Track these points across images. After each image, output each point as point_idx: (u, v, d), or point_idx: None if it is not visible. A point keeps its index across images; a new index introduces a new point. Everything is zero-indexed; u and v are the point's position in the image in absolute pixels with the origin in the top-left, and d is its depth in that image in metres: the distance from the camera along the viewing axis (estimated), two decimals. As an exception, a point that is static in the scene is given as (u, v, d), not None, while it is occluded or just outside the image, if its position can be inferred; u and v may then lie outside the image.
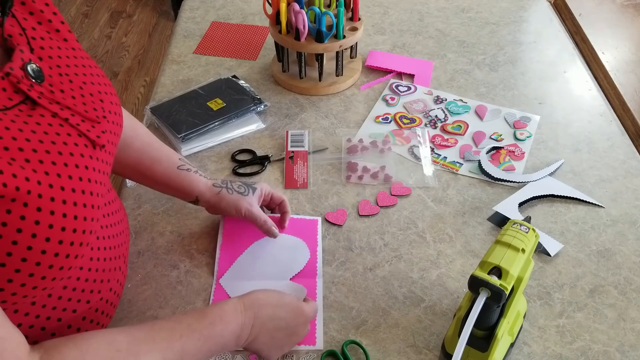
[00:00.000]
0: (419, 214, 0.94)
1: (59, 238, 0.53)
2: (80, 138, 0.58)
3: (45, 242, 0.52)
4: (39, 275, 0.53)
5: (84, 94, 0.62)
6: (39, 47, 0.60)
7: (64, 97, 0.59)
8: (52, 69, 0.59)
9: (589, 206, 0.96)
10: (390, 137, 1.09)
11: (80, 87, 0.62)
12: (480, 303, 0.62)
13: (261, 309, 0.67)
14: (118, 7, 3.25)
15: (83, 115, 0.60)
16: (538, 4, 1.50)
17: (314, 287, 0.83)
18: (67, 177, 0.55)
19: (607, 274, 0.86)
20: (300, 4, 1.10)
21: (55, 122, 0.56)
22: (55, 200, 0.53)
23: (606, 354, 0.76)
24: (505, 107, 1.16)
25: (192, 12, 1.44)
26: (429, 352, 0.76)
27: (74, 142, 0.57)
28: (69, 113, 0.58)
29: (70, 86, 0.60)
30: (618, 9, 1.84)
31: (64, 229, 0.53)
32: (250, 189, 0.86)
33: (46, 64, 0.59)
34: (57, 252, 0.53)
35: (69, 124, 0.58)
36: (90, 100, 0.62)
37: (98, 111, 0.63)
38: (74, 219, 0.54)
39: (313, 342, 0.76)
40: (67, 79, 0.61)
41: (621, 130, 1.12)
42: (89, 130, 0.60)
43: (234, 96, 1.14)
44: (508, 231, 0.68)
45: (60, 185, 0.53)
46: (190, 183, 0.85)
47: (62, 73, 0.60)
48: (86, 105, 0.61)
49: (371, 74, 1.25)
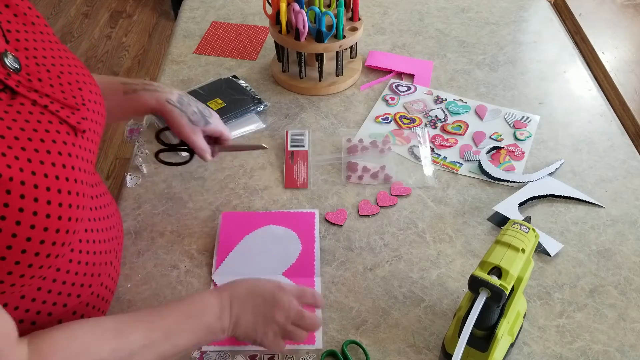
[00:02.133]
0: (419, 214, 0.94)
1: (44, 225, 0.53)
2: (61, 125, 0.58)
3: (29, 229, 0.52)
4: (25, 263, 0.53)
5: (62, 82, 0.62)
6: (15, 40, 0.60)
7: (42, 85, 0.59)
8: (28, 59, 0.59)
9: (589, 206, 0.96)
10: (390, 137, 1.09)
11: (58, 76, 0.62)
12: (480, 303, 0.62)
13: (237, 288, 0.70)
14: (118, 7, 3.24)
15: (62, 102, 0.60)
16: (538, 4, 1.50)
17: (312, 287, 0.83)
18: (50, 164, 0.54)
19: (607, 274, 0.86)
20: (300, 4, 1.10)
21: (36, 110, 0.56)
22: (38, 187, 0.52)
23: (606, 354, 0.76)
24: (505, 107, 1.16)
25: (192, 12, 1.44)
26: (429, 352, 0.76)
27: (55, 130, 0.57)
28: (48, 100, 0.58)
29: (48, 75, 0.61)
30: (618, 9, 1.84)
31: (48, 216, 0.53)
32: (202, 122, 0.88)
33: (22, 55, 0.59)
34: (42, 240, 0.53)
35: (49, 111, 0.58)
36: (69, 88, 0.62)
37: (77, 98, 0.63)
38: (59, 206, 0.54)
39: (312, 342, 0.76)
40: (44, 69, 0.61)
41: (621, 130, 1.12)
42: (69, 116, 0.60)
43: (234, 96, 1.14)
44: (508, 231, 0.68)
45: (43, 173, 0.53)
46: (141, 103, 0.84)
47: (39, 63, 0.61)
48: (65, 93, 0.61)
49: (371, 74, 1.25)
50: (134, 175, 1.00)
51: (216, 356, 0.75)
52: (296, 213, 0.93)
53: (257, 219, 0.92)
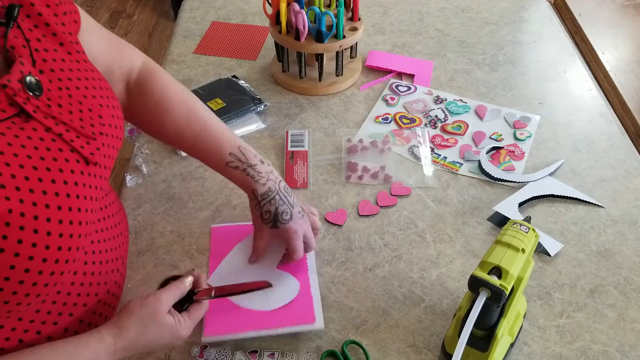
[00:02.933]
0: (419, 214, 0.94)
1: (43, 256, 0.53)
2: (72, 154, 0.58)
3: (28, 260, 0.52)
4: (22, 293, 0.53)
5: (82, 109, 0.61)
6: (42, 60, 0.59)
7: (60, 112, 0.58)
8: (52, 82, 0.59)
9: (589, 206, 0.96)
10: (390, 137, 1.09)
11: (80, 101, 0.61)
12: (480, 303, 0.62)
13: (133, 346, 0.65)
14: (118, 7, 3.25)
15: (78, 131, 0.59)
16: (538, 4, 1.50)
17: (308, 283, 0.83)
18: (54, 194, 0.54)
19: (607, 274, 0.86)
20: (300, 4, 1.10)
21: (48, 137, 0.56)
22: (39, 218, 0.52)
23: (606, 354, 0.76)
24: (505, 107, 1.16)
25: (192, 12, 1.44)
26: (429, 352, 0.76)
27: (64, 158, 0.56)
28: (64, 128, 0.58)
29: (69, 100, 0.60)
30: (618, 9, 1.84)
31: (47, 247, 0.53)
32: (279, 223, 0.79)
33: (46, 77, 0.58)
34: (40, 270, 0.53)
35: (62, 140, 0.57)
36: (89, 115, 0.62)
37: (95, 127, 0.62)
38: (59, 237, 0.54)
39: (312, 320, 0.77)
40: (66, 93, 0.60)
41: (621, 130, 1.12)
42: (83, 147, 0.59)
43: (234, 96, 1.14)
44: (508, 231, 0.68)
45: (45, 203, 0.53)
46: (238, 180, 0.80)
47: (62, 87, 0.60)
48: (83, 121, 0.60)
49: (371, 74, 1.25)
50: (134, 175, 1.00)
51: (216, 352, 0.75)
52: None
53: (246, 230, 0.89)
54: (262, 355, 0.75)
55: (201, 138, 0.80)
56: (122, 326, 0.64)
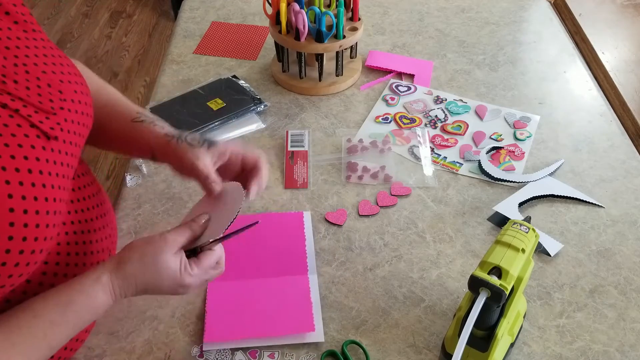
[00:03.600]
0: (419, 214, 0.94)
1: (8, 234, 0.51)
2: (32, 129, 0.56)
3: None
4: None
5: (40, 85, 0.60)
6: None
7: (16, 88, 0.57)
8: (7, 60, 0.57)
9: (589, 206, 0.96)
10: (390, 137, 1.09)
11: (38, 77, 0.60)
12: (480, 303, 0.62)
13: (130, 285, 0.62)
14: (118, 7, 3.25)
15: (36, 106, 0.57)
16: (538, 4, 1.50)
17: (307, 283, 0.83)
18: (14, 169, 0.52)
19: (607, 274, 0.86)
20: (300, 4, 1.10)
21: (4, 114, 0.54)
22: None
23: (606, 354, 0.76)
24: (505, 107, 1.16)
25: (192, 12, 1.44)
26: (429, 352, 0.76)
27: (23, 134, 0.55)
28: (21, 104, 0.56)
29: (25, 77, 0.58)
30: (618, 9, 1.84)
31: (12, 224, 0.51)
32: (206, 142, 0.73)
33: (1, 54, 0.57)
34: (8, 249, 0.51)
35: (19, 115, 0.55)
36: (47, 91, 0.60)
37: (55, 102, 0.60)
38: (24, 213, 0.52)
39: (311, 328, 0.77)
40: (23, 69, 0.59)
41: (621, 130, 1.12)
42: (42, 121, 0.57)
43: (234, 96, 1.14)
44: (508, 231, 0.68)
45: (4, 179, 0.51)
46: (141, 136, 0.75)
47: (17, 63, 0.58)
48: (41, 96, 0.59)
49: (371, 74, 1.25)
50: (134, 175, 1.00)
51: (216, 352, 0.75)
52: (284, 214, 0.93)
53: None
54: (262, 355, 0.75)
55: (114, 103, 0.78)
56: (121, 261, 0.61)
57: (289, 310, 0.79)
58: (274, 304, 0.80)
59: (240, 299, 0.80)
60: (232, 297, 0.81)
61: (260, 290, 0.82)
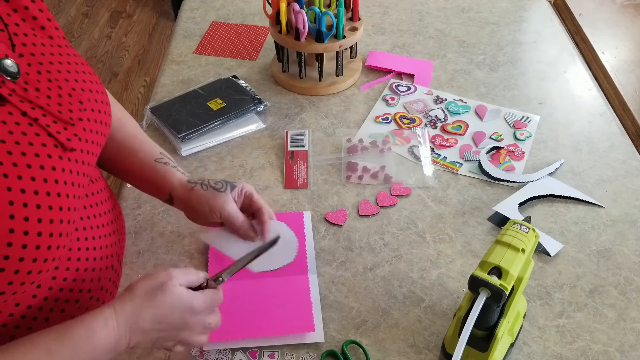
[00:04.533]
0: (419, 214, 0.94)
1: (22, 242, 0.51)
2: (49, 138, 0.56)
3: (6, 247, 0.50)
4: (5, 281, 0.52)
5: (61, 94, 0.60)
6: (21, 44, 0.58)
7: (37, 96, 0.57)
8: (31, 66, 0.58)
9: (589, 206, 0.96)
10: (390, 137, 1.09)
11: (60, 86, 0.60)
12: (480, 303, 0.62)
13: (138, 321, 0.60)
14: (118, 7, 3.25)
15: (56, 116, 0.58)
16: (538, 4, 1.50)
17: (307, 283, 0.83)
18: (30, 178, 0.53)
19: (607, 274, 0.86)
20: (300, 4, 1.10)
21: (24, 122, 0.54)
22: (14, 203, 0.51)
23: (606, 354, 0.76)
24: (505, 107, 1.16)
25: (192, 12, 1.44)
26: (429, 352, 0.76)
27: (41, 143, 0.55)
28: (41, 113, 0.56)
29: (47, 85, 0.58)
30: (618, 9, 1.84)
31: (26, 232, 0.51)
32: (229, 186, 0.78)
33: (26, 61, 0.57)
34: (21, 257, 0.51)
35: (38, 124, 0.56)
36: (68, 100, 0.60)
37: (74, 112, 0.60)
38: (38, 221, 0.52)
39: (311, 328, 0.77)
40: (45, 77, 0.59)
41: (621, 130, 1.12)
42: (59, 132, 0.57)
43: (234, 96, 1.14)
44: (508, 231, 0.68)
45: (20, 188, 0.51)
46: (163, 177, 0.78)
47: (41, 71, 0.59)
48: (61, 106, 0.59)
49: (371, 74, 1.25)
50: (134, 175, 1.00)
51: (216, 352, 0.75)
52: (284, 214, 0.93)
53: None
54: (262, 355, 0.75)
55: (135, 138, 0.80)
56: (124, 298, 0.60)
57: (289, 310, 0.79)
58: (274, 304, 0.80)
59: (240, 299, 0.80)
60: (232, 297, 0.81)
61: (260, 290, 0.82)
